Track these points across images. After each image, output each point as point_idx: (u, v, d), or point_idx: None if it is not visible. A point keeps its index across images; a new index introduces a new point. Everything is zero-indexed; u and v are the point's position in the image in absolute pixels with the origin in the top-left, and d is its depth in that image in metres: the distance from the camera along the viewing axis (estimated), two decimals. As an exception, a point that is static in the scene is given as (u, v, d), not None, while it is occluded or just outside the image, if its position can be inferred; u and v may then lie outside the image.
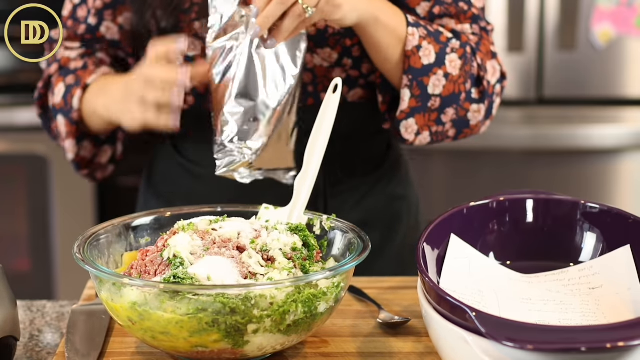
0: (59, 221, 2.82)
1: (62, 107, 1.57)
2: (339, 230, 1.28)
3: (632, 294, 1.19)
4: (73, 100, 1.55)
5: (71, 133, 1.58)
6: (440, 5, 1.52)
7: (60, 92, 1.58)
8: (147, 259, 1.18)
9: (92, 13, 1.58)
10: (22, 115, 2.82)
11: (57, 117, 1.59)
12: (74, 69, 1.59)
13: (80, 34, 1.60)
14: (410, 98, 1.47)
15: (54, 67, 1.62)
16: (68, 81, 1.58)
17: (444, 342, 1.09)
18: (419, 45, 1.46)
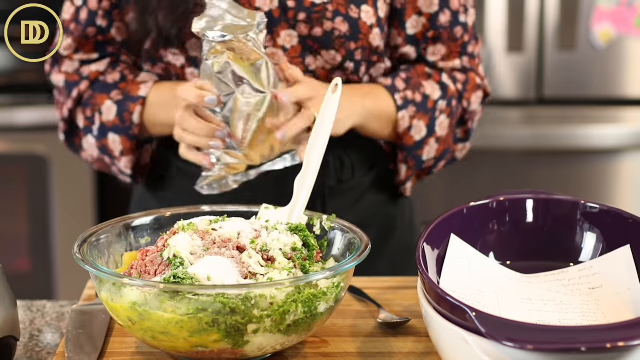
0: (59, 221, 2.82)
1: (116, 124, 1.55)
2: (339, 230, 1.28)
3: (632, 294, 1.19)
4: (133, 116, 1.53)
5: (130, 150, 1.57)
6: (436, 29, 1.57)
7: (111, 110, 1.55)
8: (147, 259, 1.18)
9: (100, 15, 1.56)
10: (22, 115, 2.82)
11: (106, 135, 1.56)
12: (114, 83, 1.57)
13: (92, 36, 1.57)
14: (406, 170, 1.61)
15: (84, 85, 1.58)
16: (115, 97, 1.55)
17: (444, 342, 1.09)
18: (409, 125, 1.56)
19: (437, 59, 1.60)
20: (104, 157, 1.60)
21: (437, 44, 1.59)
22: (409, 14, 1.57)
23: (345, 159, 1.61)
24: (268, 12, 1.49)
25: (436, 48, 1.59)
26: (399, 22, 1.57)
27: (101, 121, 1.56)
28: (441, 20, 1.57)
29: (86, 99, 1.58)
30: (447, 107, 1.58)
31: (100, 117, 1.56)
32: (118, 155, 1.57)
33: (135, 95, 1.54)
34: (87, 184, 2.85)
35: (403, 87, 1.55)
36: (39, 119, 2.83)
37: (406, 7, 1.56)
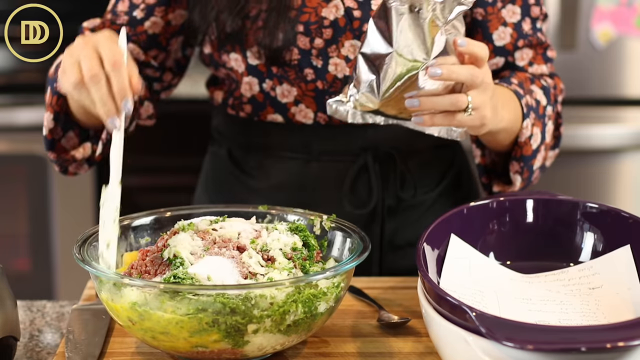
0: (59, 221, 2.82)
1: (51, 75, 1.46)
2: (339, 230, 1.28)
3: (632, 294, 1.19)
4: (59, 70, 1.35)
5: (50, 105, 1.43)
6: (524, 38, 1.53)
7: (56, 62, 1.47)
8: (147, 258, 1.19)
9: (140, 7, 1.51)
10: (22, 115, 2.81)
11: (47, 90, 1.46)
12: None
13: (119, 23, 1.52)
14: (520, 182, 1.51)
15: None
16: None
17: (444, 342, 1.09)
18: (530, 134, 1.47)
19: (525, 63, 1.55)
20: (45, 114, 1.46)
21: (524, 49, 1.54)
22: (494, 25, 1.52)
23: (407, 175, 1.55)
24: (333, 20, 1.45)
25: (524, 52, 1.54)
26: (484, 35, 1.52)
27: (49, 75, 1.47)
28: (525, 29, 1.53)
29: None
30: (552, 112, 1.54)
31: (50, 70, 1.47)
32: (47, 106, 1.44)
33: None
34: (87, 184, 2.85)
35: (522, 91, 1.48)
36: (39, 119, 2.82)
37: (490, 18, 1.52)
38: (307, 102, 1.50)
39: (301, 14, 1.45)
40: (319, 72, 1.47)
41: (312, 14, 1.45)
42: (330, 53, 1.46)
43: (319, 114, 1.50)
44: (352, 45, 1.46)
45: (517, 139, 1.46)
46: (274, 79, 1.49)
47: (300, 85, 1.49)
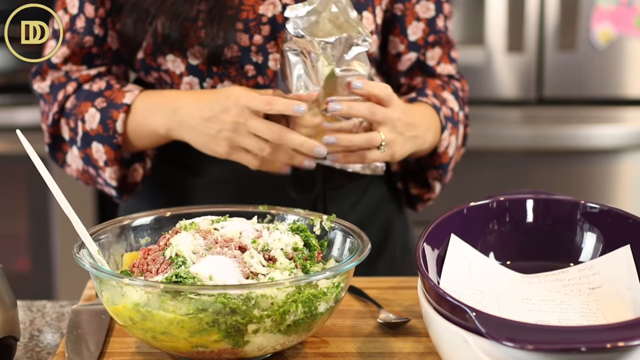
0: (59, 221, 2.82)
1: (99, 132, 1.50)
2: (339, 230, 1.28)
3: (632, 294, 1.19)
4: (116, 124, 1.48)
5: (114, 160, 1.51)
6: (435, 34, 1.59)
7: (95, 117, 1.50)
8: (148, 257, 1.19)
9: (97, 23, 1.52)
10: (22, 115, 2.82)
11: (90, 145, 1.51)
12: (99, 91, 1.51)
13: (87, 47, 1.53)
14: (439, 188, 1.63)
15: (71, 86, 1.53)
16: (99, 104, 1.50)
17: (444, 342, 1.09)
18: (447, 144, 1.56)
19: (434, 63, 1.61)
20: (88, 168, 1.55)
21: (435, 47, 1.61)
22: (409, 20, 1.58)
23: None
24: (271, 17, 1.47)
25: (434, 52, 1.61)
26: (401, 29, 1.59)
27: (84, 130, 1.51)
28: (439, 25, 1.59)
29: (70, 109, 1.52)
30: (463, 117, 1.61)
31: (83, 126, 1.51)
32: (102, 165, 1.52)
33: (119, 103, 1.49)
34: (87, 184, 2.85)
35: (438, 103, 1.55)
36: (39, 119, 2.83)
37: (406, 13, 1.58)
38: None
39: (240, 12, 1.47)
40: (260, 68, 1.49)
41: (250, 11, 1.48)
42: (270, 49, 1.49)
43: None
44: None
45: (436, 149, 1.54)
46: (214, 77, 1.50)
47: (242, 82, 1.50)
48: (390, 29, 1.60)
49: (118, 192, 1.58)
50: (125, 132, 1.50)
